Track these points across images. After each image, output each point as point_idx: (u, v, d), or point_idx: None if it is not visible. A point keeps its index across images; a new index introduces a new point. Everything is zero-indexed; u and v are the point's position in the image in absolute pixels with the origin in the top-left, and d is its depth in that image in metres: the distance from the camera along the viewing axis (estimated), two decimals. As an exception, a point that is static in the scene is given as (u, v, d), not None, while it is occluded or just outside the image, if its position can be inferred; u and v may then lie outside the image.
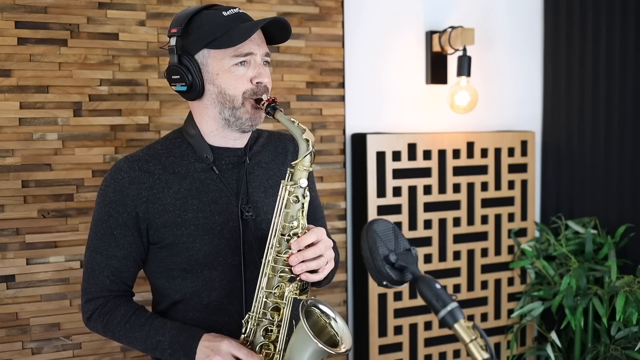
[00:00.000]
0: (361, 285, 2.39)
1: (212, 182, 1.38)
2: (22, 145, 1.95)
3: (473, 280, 2.55)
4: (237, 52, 1.31)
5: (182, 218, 1.34)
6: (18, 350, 1.97)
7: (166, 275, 1.39)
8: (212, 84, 1.33)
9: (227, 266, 1.37)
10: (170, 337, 1.32)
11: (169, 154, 1.38)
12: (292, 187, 1.27)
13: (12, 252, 1.95)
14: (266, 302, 1.28)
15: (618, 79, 2.41)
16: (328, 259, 1.29)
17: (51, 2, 1.95)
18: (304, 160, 1.27)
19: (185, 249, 1.35)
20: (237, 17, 1.32)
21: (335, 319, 1.27)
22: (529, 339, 2.66)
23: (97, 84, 2.02)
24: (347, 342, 1.25)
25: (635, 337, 2.19)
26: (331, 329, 1.27)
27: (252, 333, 1.29)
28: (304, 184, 1.27)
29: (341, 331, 1.27)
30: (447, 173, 2.47)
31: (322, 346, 1.17)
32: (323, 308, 1.28)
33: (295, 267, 1.25)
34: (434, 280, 0.98)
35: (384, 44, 2.45)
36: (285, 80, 2.27)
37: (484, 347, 0.91)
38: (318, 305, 1.28)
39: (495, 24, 2.63)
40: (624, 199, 2.43)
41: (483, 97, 2.58)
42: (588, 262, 2.44)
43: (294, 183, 1.27)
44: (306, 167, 1.27)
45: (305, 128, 1.28)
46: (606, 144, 2.47)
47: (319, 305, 1.28)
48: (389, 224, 1.08)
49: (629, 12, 2.36)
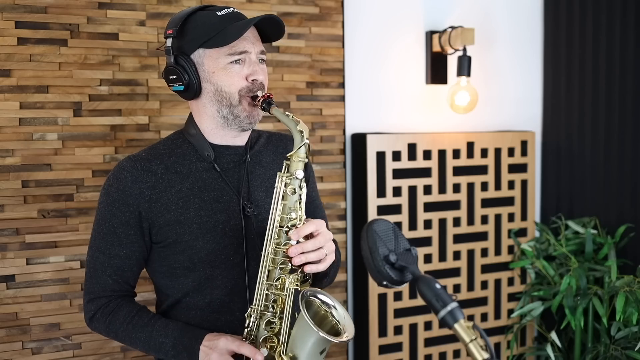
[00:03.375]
0: (361, 285, 2.39)
1: (214, 181, 1.39)
2: (22, 145, 1.95)
3: (473, 280, 2.55)
4: (231, 51, 1.33)
5: (184, 217, 1.35)
6: (18, 350, 1.97)
7: (169, 273, 1.40)
8: (208, 83, 1.35)
9: (229, 264, 1.38)
10: (173, 339, 1.32)
11: (171, 154, 1.40)
12: (288, 179, 1.28)
13: (12, 252, 1.95)
14: (267, 294, 1.29)
15: (618, 79, 2.41)
16: (328, 250, 1.30)
17: (51, 2, 1.95)
18: (299, 151, 1.29)
19: (187, 247, 1.35)
20: (230, 17, 1.34)
21: (335, 307, 1.28)
22: (529, 339, 2.66)
23: (97, 84, 2.02)
24: (349, 330, 1.25)
25: (635, 337, 2.19)
26: (332, 318, 1.27)
27: (255, 327, 1.30)
28: (300, 175, 1.28)
29: (342, 319, 1.27)
30: (447, 173, 2.47)
31: (324, 335, 1.18)
32: (322, 297, 1.28)
33: (295, 259, 1.25)
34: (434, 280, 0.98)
35: (384, 44, 2.45)
36: (285, 80, 2.27)
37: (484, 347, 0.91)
38: (317, 295, 1.28)
39: (495, 24, 2.63)
40: (624, 199, 2.43)
41: (483, 97, 2.58)
42: (588, 262, 2.44)
43: (290, 175, 1.29)
44: (302, 158, 1.29)
45: (299, 120, 1.30)
46: (606, 144, 2.47)
47: (318, 295, 1.28)
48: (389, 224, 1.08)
49: (629, 12, 2.36)
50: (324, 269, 1.30)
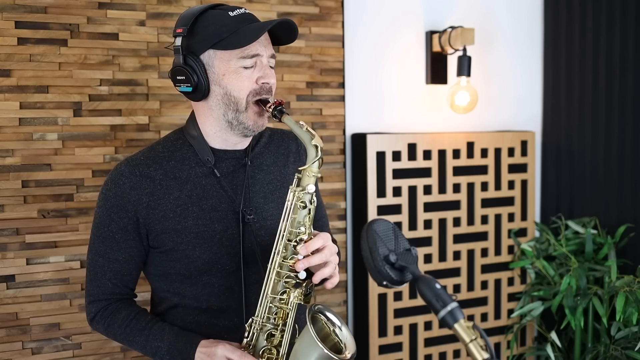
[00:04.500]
0: (361, 285, 2.39)
1: (213, 188, 1.37)
2: (22, 145, 1.95)
3: (473, 280, 2.55)
4: (244, 54, 1.29)
5: (182, 225, 1.33)
6: (18, 350, 1.97)
7: (165, 278, 1.39)
8: (217, 85, 1.31)
9: (225, 272, 1.37)
10: (168, 344, 1.32)
11: (170, 158, 1.37)
12: (299, 193, 1.25)
13: (12, 252, 1.95)
14: (270, 307, 1.28)
15: (618, 79, 2.41)
16: (334, 263, 1.29)
17: (51, 2, 1.95)
18: (312, 166, 1.25)
19: (184, 256, 1.34)
20: (243, 18, 1.31)
21: (341, 328, 1.27)
22: (529, 339, 2.66)
23: (97, 84, 2.02)
24: (350, 349, 1.25)
25: (635, 337, 2.19)
26: (335, 336, 1.27)
27: (255, 337, 1.29)
28: (312, 190, 1.25)
29: (345, 338, 1.26)
30: (447, 173, 2.47)
31: (328, 352, 1.17)
32: (329, 315, 1.27)
33: (302, 274, 1.24)
34: (434, 280, 0.98)
35: (384, 44, 2.45)
36: (285, 80, 2.27)
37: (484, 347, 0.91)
38: (325, 312, 1.27)
39: (495, 24, 2.63)
40: (624, 199, 2.42)
41: (483, 97, 2.58)
42: (588, 262, 2.44)
43: (301, 189, 1.26)
44: (314, 173, 1.26)
45: (315, 133, 1.26)
46: (606, 144, 2.47)
47: (325, 312, 1.27)
48: (389, 224, 1.08)
49: (629, 12, 2.35)
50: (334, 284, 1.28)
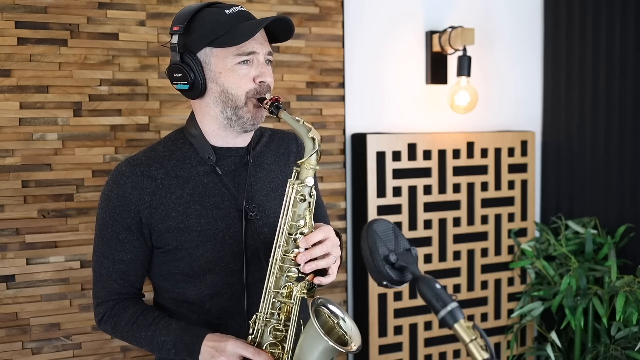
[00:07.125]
0: (361, 285, 2.39)
1: (215, 186, 1.37)
2: (22, 145, 1.95)
3: (473, 280, 2.55)
4: (240, 51, 1.29)
5: (185, 224, 1.33)
6: (18, 350, 1.97)
7: (169, 278, 1.39)
8: (214, 83, 1.32)
9: (229, 271, 1.36)
10: (174, 337, 1.31)
11: (171, 157, 1.37)
12: (299, 186, 1.26)
13: (12, 252, 1.95)
14: (274, 302, 1.27)
15: (618, 79, 2.41)
16: (336, 256, 1.28)
17: (51, 2, 1.95)
18: (310, 159, 1.26)
19: (187, 255, 1.34)
20: (239, 16, 1.31)
21: (344, 319, 1.27)
22: (529, 339, 2.66)
23: (97, 84, 2.02)
24: (356, 340, 1.25)
25: (635, 337, 2.19)
26: (339, 329, 1.27)
27: (259, 334, 1.29)
28: (310, 183, 1.27)
29: (350, 330, 1.26)
30: (447, 173, 2.47)
31: (333, 344, 1.17)
32: (332, 308, 1.27)
33: (305, 266, 1.24)
34: (434, 280, 0.98)
35: (384, 44, 2.45)
36: (285, 80, 2.27)
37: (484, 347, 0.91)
38: (327, 305, 1.27)
39: (495, 24, 2.63)
40: (624, 199, 2.42)
41: (483, 97, 2.58)
42: (588, 262, 2.44)
43: (300, 182, 1.27)
44: (312, 165, 1.27)
45: (311, 127, 1.27)
46: (606, 144, 2.47)
47: (328, 305, 1.27)
48: (389, 224, 1.08)
49: (629, 12, 2.35)
50: (332, 280, 1.28)
